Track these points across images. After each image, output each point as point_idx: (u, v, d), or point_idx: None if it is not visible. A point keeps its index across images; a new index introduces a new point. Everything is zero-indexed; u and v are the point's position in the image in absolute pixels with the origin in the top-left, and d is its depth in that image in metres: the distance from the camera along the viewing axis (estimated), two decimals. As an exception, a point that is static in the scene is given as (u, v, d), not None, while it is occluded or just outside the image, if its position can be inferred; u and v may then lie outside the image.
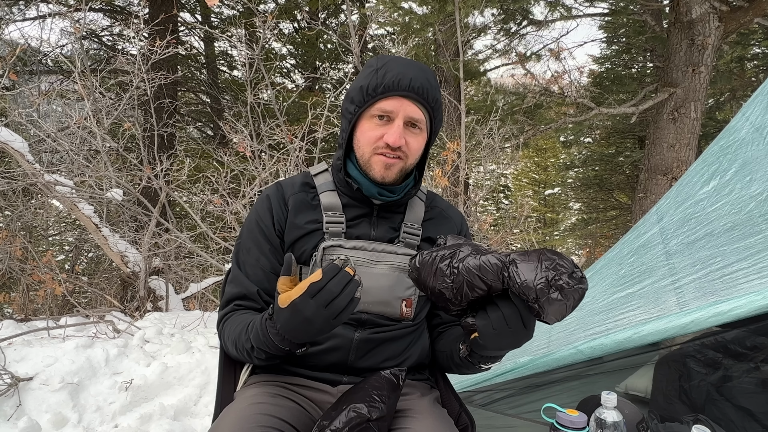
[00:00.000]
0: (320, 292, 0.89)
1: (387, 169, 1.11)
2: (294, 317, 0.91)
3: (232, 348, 1.10)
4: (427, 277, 0.93)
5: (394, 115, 1.08)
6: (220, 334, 1.16)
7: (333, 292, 0.89)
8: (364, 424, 0.90)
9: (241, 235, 1.21)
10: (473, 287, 0.88)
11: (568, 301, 0.82)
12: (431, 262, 0.93)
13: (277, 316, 0.94)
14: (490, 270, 0.87)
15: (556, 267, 0.82)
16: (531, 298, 0.82)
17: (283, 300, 0.92)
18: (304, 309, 0.90)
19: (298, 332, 0.93)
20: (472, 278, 0.88)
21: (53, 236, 8.00)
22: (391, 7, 7.11)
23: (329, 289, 0.89)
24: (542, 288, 0.81)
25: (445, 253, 0.92)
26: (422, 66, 1.12)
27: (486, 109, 7.36)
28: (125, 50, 6.62)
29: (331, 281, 0.89)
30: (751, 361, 1.44)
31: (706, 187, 1.75)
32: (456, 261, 0.90)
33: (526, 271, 0.83)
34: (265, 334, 0.98)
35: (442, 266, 0.91)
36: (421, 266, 0.95)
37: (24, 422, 2.19)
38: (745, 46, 8.32)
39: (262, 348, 1.00)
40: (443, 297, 0.92)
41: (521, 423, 1.77)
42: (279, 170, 4.61)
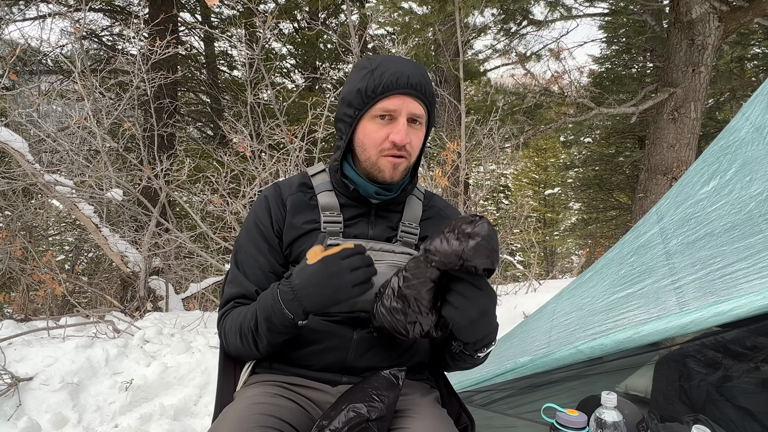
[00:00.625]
0: (351, 258, 0.97)
1: (395, 169, 1.12)
2: (320, 271, 0.97)
3: (234, 337, 1.10)
4: (388, 323, 1.02)
5: (397, 114, 1.09)
6: (220, 329, 1.16)
7: (360, 262, 0.98)
8: (363, 424, 0.90)
9: (239, 236, 1.22)
10: (420, 292, 0.96)
11: (483, 239, 0.88)
12: (385, 312, 1.02)
13: (299, 272, 1.00)
14: (416, 269, 0.96)
15: (453, 225, 0.91)
16: (456, 259, 0.89)
17: (312, 256, 0.99)
18: (331, 265, 0.97)
19: (315, 287, 0.98)
20: (414, 288, 0.96)
21: (53, 236, 8.00)
22: (391, 7, 7.11)
23: (360, 257, 0.98)
24: (455, 245, 0.88)
25: (384, 292, 1.03)
26: (415, 63, 1.13)
27: (486, 109, 7.36)
28: (125, 50, 6.62)
29: (362, 254, 0.99)
30: (751, 361, 1.44)
31: (706, 187, 1.75)
32: (390, 289, 1.01)
33: (437, 244, 0.91)
34: (275, 297, 1.01)
35: (393, 303, 1.00)
36: (381, 321, 1.04)
37: (24, 422, 2.20)
38: (745, 46, 8.32)
39: (268, 317, 1.02)
40: (415, 321, 0.99)
41: (521, 423, 1.77)
42: (279, 170, 4.61)
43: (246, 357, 1.17)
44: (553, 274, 9.93)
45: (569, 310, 1.95)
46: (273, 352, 1.13)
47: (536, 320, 2.17)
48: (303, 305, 0.99)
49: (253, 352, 1.10)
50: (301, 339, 1.13)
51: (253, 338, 1.06)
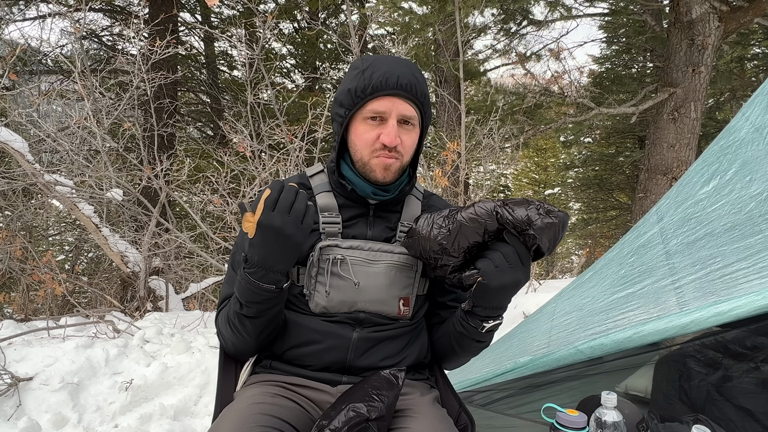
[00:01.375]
0: (278, 202, 0.96)
1: (386, 170, 1.12)
2: (265, 235, 0.96)
3: (226, 328, 1.11)
4: (424, 233, 1.04)
5: (387, 115, 1.09)
6: (217, 325, 1.17)
7: (289, 198, 0.96)
8: (363, 424, 0.90)
9: (238, 238, 1.22)
10: (471, 231, 0.99)
11: (557, 223, 0.95)
12: (428, 221, 1.05)
13: (250, 250, 0.99)
14: (484, 210, 0.99)
15: (539, 205, 0.97)
16: (525, 227, 0.95)
17: (248, 227, 0.98)
18: (271, 221, 0.96)
19: (274, 251, 0.98)
20: (469, 222, 0.99)
21: (53, 236, 8.00)
22: (391, 7, 7.11)
23: (285, 197, 0.96)
24: (533, 215, 0.95)
25: (442, 213, 1.05)
26: (407, 62, 1.12)
27: (486, 109, 7.36)
28: (125, 50, 6.61)
29: (283, 191, 0.97)
30: (751, 361, 1.44)
31: (706, 187, 1.75)
32: (450, 214, 1.03)
33: (517, 208, 0.96)
34: (247, 279, 1.01)
35: (438, 220, 1.03)
36: (418, 227, 1.06)
37: (24, 422, 2.20)
38: (745, 46, 8.32)
39: (251, 299, 1.02)
40: (441, 249, 1.01)
41: (521, 423, 1.77)
42: (279, 170, 4.61)
43: (242, 349, 1.16)
44: (553, 274, 9.93)
45: (569, 310, 1.95)
46: (264, 336, 1.13)
47: (536, 320, 2.17)
48: (278, 269, 1.00)
49: (245, 339, 1.10)
50: (300, 338, 1.13)
51: (241, 323, 1.07)
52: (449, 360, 1.28)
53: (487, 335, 1.11)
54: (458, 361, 1.26)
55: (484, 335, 1.10)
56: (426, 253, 1.05)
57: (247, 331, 1.08)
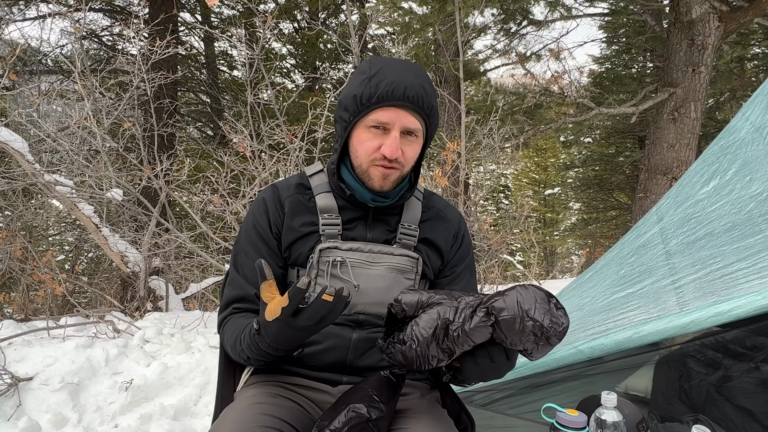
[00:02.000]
0: (310, 311, 0.89)
1: (384, 179, 1.11)
2: (281, 332, 0.92)
3: (232, 352, 1.11)
4: (421, 362, 0.90)
5: (391, 126, 1.07)
6: (221, 337, 1.17)
7: (322, 312, 0.89)
8: (363, 424, 0.90)
9: (238, 238, 1.21)
10: (463, 344, 0.88)
11: (553, 343, 0.85)
12: (424, 348, 0.89)
13: (264, 331, 0.95)
14: (478, 334, 0.86)
15: (542, 328, 0.84)
16: (519, 349, 0.86)
17: (269, 314, 0.92)
18: (293, 325, 0.90)
19: (289, 342, 0.96)
20: (464, 345, 0.87)
21: (53, 236, 8.00)
22: (391, 7, 7.11)
23: (318, 309, 0.89)
24: (531, 342, 0.84)
25: (414, 331, 0.90)
26: (417, 71, 1.09)
27: (486, 109, 7.36)
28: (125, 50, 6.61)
29: (325, 305, 0.88)
30: (751, 361, 1.44)
31: (706, 187, 1.75)
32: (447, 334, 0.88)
33: (510, 331, 0.84)
34: (257, 347, 0.99)
35: (435, 351, 0.89)
36: (410, 359, 0.91)
37: (24, 422, 2.19)
38: (745, 46, 8.32)
39: (258, 358, 1.02)
40: (434, 358, 0.90)
41: (521, 423, 1.77)
42: (279, 170, 4.61)
43: (243, 363, 1.18)
44: (553, 274, 9.94)
45: (569, 310, 1.94)
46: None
47: (536, 320, 2.16)
48: (288, 349, 0.99)
49: (248, 362, 1.11)
50: None
51: (248, 362, 1.08)
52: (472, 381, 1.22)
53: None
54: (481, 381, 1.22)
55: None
56: (414, 364, 0.91)
57: (254, 365, 1.11)
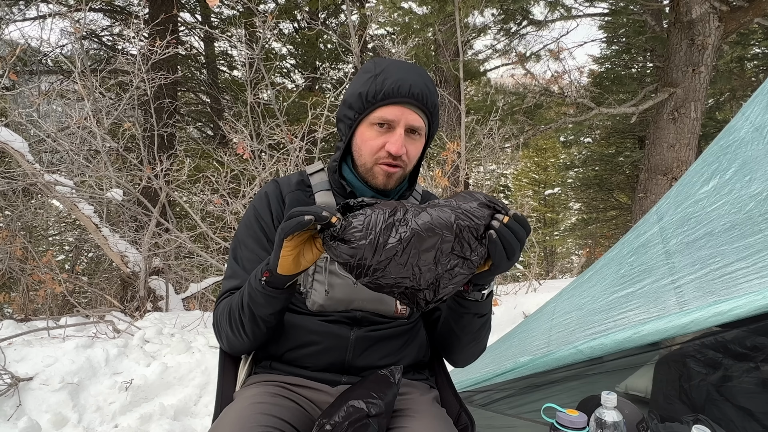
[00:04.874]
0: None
1: (388, 178, 1.12)
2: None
3: (224, 320, 1.08)
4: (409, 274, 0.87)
5: (395, 124, 1.08)
6: (214, 317, 1.14)
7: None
8: (363, 420, 0.90)
9: (238, 231, 1.21)
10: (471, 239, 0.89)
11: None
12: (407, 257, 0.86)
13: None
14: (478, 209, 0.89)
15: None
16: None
17: None
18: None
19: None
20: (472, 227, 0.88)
21: (53, 236, 8.01)
22: (391, 7, 7.11)
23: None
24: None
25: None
26: (420, 70, 1.11)
27: (486, 109, 7.36)
28: (125, 50, 6.62)
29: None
30: (751, 361, 1.44)
31: (705, 186, 1.75)
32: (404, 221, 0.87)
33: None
34: (257, 280, 0.98)
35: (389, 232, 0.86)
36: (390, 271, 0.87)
37: (24, 422, 2.20)
38: (745, 46, 8.32)
39: (257, 299, 0.99)
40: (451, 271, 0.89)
41: (521, 423, 1.77)
42: (279, 170, 4.61)
43: (236, 346, 1.13)
44: (553, 274, 9.93)
45: (569, 310, 1.95)
46: (262, 342, 1.11)
47: (536, 320, 2.17)
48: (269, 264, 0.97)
49: (241, 335, 1.07)
50: (298, 340, 1.13)
51: (239, 317, 1.04)
52: (454, 350, 1.21)
53: (487, 304, 1.07)
54: (464, 351, 1.20)
55: (484, 305, 1.06)
56: (413, 284, 0.88)
57: (244, 328, 1.06)
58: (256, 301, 1.00)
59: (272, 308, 1.01)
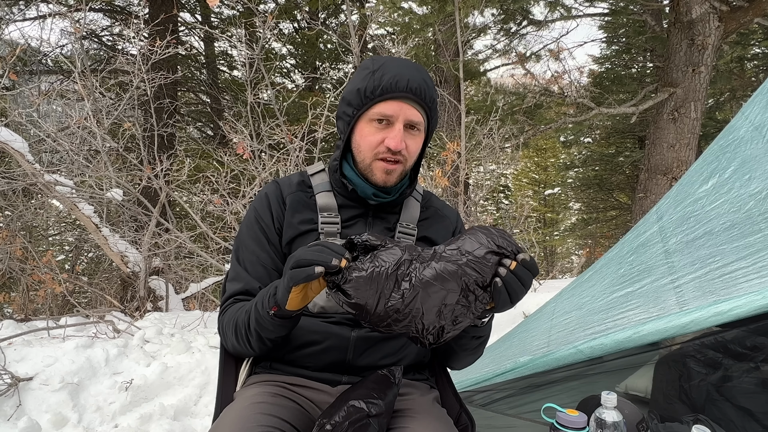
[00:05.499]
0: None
1: (388, 174, 1.11)
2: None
3: (231, 332, 1.09)
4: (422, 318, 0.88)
5: (394, 119, 1.08)
6: (219, 324, 1.15)
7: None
8: (363, 420, 0.90)
9: (240, 232, 1.21)
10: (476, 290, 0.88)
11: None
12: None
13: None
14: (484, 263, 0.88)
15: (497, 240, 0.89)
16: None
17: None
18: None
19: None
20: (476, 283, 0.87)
21: (53, 236, 8.01)
22: (391, 7, 7.11)
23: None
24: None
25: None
26: (418, 66, 1.11)
27: (486, 109, 7.36)
28: (125, 50, 6.62)
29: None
30: (751, 361, 1.44)
31: (705, 185, 1.75)
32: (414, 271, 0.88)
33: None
34: (264, 308, 0.98)
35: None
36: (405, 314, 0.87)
37: (24, 422, 2.19)
38: (745, 46, 8.32)
39: (263, 323, 1.00)
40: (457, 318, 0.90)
41: (521, 423, 1.77)
42: (279, 170, 4.61)
43: (243, 353, 1.16)
44: (553, 274, 9.92)
45: (569, 310, 1.95)
46: (267, 352, 1.12)
47: (536, 320, 2.17)
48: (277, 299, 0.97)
49: (248, 349, 1.10)
50: (299, 340, 1.13)
51: (246, 335, 1.05)
52: (453, 361, 1.23)
53: (486, 328, 1.08)
54: (462, 361, 1.22)
55: (483, 329, 1.07)
56: (418, 328, 0.89)
57: (251, 345, 1.07)
58: (265, 327, 1.01)
59: (280, 333, 1.03)
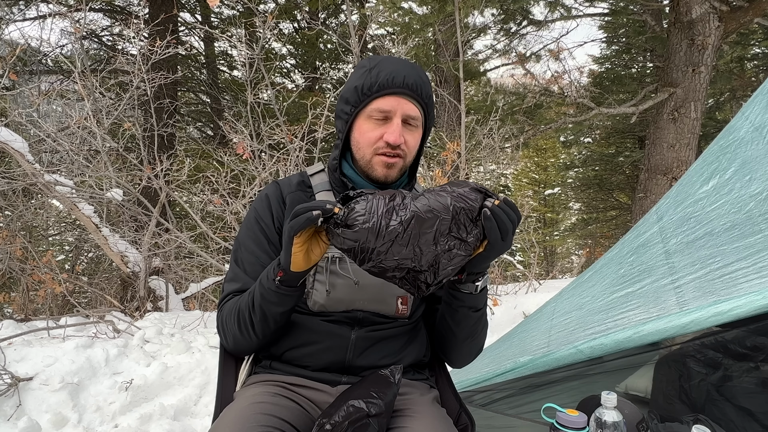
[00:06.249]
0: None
1: (389, 169, 1.12)
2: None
3: (232, 320, 1.09)
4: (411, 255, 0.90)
5: (392, 114, 1.09)
6: (218, 318, 1.15)
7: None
8: (363, 420, 0.90)
9: (240, 233, 1.21)
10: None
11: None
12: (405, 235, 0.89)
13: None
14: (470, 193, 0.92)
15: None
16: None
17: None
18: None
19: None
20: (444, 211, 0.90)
21: (53, 236, 8.00)
22: (391, 7, 7.12)
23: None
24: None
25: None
26: (414, 64, 1.14)
27: (486, 109, 7.36)
28: (125, 50, 6.61)
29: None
30: (751, 361, 1.44)
31: (705, 186, 1.75)
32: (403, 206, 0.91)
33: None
34: (269, 279, 1.00)
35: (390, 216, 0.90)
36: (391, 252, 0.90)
37: (24, 422, 2.20)
38: (745, 46, 8.33)
39: (267, 296, 1.01)
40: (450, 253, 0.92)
41: (521, 423, 1.77)
42: (279, 170, 4.61)
43: (243, 346, 1.14)
44: (553, 274, 9.93)
45: (569, 310, 1.95)
46: (269, 342, 1.12)
47: (536, 320, 2.17)
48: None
49: (250, 335, 1.08)
50: (299, 340, 1.13)
51: (249, 317, 1.06)
52: (452, 347, 1.20)
53: (482, 298, 1.08)
54: (461, 350, 1.20)
55: (478, 298, 1.07)
56: (413, 266, 0.92)
57: (254, 327, 1.07)
58: (270, 300, 1.02)
59: (285, 306, 1.03)
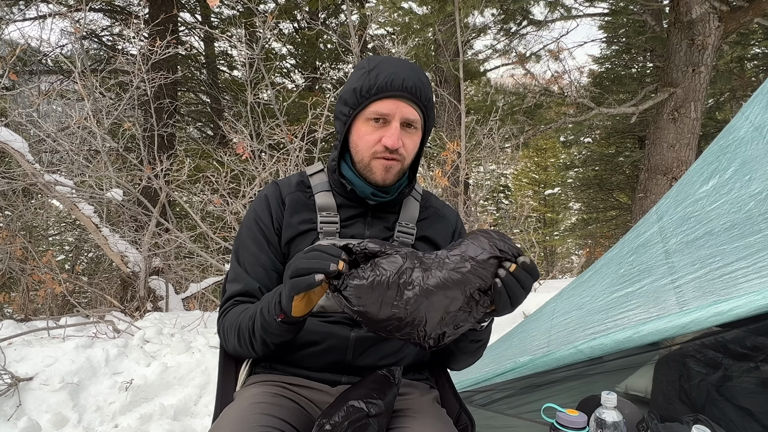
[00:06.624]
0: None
1: (387, 172, 1.11)
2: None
3: (233, 336, 1.09)
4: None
5: (391, 117, 1.08)
6: (220, 326, 1.15)
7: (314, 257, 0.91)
8: (363, 420, 0.90)
9: (240, 234, 1.21)
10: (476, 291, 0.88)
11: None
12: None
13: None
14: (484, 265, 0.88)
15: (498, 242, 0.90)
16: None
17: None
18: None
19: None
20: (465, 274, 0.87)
21: (53, 236, 8.00)
22: (391, 7, 7.12)
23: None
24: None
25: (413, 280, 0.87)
26: (413, 65, 1.12)
27: (486, 109, 7.36)
28: (125, 50, 6.62)
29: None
30: (751, 361, 1.44)
31: (705, 186, 1.75)
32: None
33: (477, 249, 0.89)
34: (270, 312, 0.99)
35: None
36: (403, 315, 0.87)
37: (24, 422, 2.19)
38: (745, 46, 8.32)
39: (269, 327, 1.00)
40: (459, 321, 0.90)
41: (521, 423, 1.77)
42: (279, 170, 4.61)
43: (243, 355, 1.16)
44: (553, 274, 9.93)
45: (569, 310, 1.95)
46: (270, 355, 1.12)
47: (536, 320, 2.17)
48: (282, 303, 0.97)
49: (250, 352, 1.10)
50: (299, 340, 1.13)
51: (250, 339, 1.06)
52: (452, 362, 1.24)
53: (486, 331, 1.08)
54: (461, 363, 1.22)
55: (481, 333, 1.07)
56: (413, 333, 0.90)
57: (254, 348, 1.07)
58: (271, 333, 1.01)
59: (286, 338, 1.03)
